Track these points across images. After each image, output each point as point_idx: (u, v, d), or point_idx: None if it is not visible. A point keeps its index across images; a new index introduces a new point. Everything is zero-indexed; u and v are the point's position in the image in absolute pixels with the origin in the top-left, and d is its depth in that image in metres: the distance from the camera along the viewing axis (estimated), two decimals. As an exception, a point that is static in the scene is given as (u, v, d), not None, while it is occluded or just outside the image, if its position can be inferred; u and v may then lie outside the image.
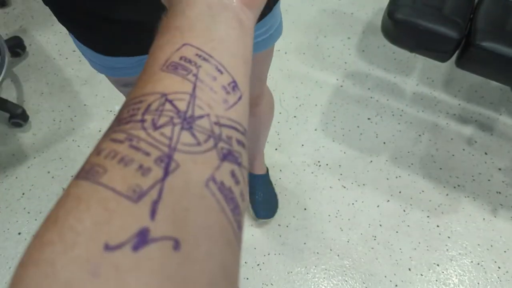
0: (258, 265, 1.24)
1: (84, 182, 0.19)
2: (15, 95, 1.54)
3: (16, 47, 1.61)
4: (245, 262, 1.24)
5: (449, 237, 1.29)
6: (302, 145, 1.45)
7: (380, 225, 1.31)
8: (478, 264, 1.25)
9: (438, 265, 1.24)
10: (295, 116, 1.51)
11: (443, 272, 1.23)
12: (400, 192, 1.36)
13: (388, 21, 1.06)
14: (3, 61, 1.47)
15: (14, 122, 1.45)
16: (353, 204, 1.35)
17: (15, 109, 1.44)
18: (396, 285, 1.21)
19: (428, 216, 1.32)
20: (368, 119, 1.51)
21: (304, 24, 1.75)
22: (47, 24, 1.74)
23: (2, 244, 1.26)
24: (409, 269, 1.24)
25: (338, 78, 1.60)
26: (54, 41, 1.70)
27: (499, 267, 1.24)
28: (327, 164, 1.41)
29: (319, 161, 1.42)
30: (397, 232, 1.30)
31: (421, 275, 1.23)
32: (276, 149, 1.43)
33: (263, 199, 1.30)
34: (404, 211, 1.33)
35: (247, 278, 1.22)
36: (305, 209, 1.33)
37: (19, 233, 1.27)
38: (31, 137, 1.45)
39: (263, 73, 0.95)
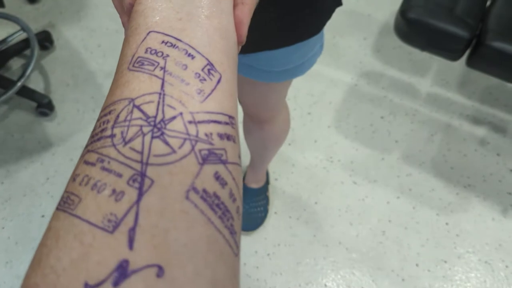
0: (268, 255, 1.28)
1: (62, 214, 0.18)
2: (42, 86, 1.62)
3: (45, 41, 1.69)
4: (256, 251, 1.28)
5: (457, 235, 1.31)
6: (315, 141, 1.48)
7: (389, 221, 1.33)
8: (486, 262, 1.26)
9: (445, 261, 1.26)
10: (309, 113, 1.54)
11: (450, 269, 1.25)
12: (410, 190, 1.39)
13: (400, 20, 1.09)
14: (32, 53, 1.56)
15: (41, 111, 1.52)
16: (363, 199, 1.37)
17: (42, 99, 1.51)
18: (403, 280, 1.24)
19: (437, 214, 1.34)
20: (381, 117, 1.53)
21: (321, 24, 1.78)
22: (74, 19, 1.83)
23: (27, 226, 1.33)
24: (417, 265, 1.26)
25: (353, 77, 1.63)
26: (80, 36, 1.77)
27: (506, 266, 1.25)
28: (339, 160, 1.44)
29: (331, 157, 1.45)
30: (406, 228, 1.32)
31: (428, 270, 1.25)
32: (289, 144, 1.47)
33: (245, 210, 1.30)
34: (414, 208, 1.35)
35: (257, 267, 1.26)
36: (316, 203, 1.37)
37: (43, 216, 1.34)
38: (56, 126, 1.53)
39: (280, 98, 0.87)
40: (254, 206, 1.32)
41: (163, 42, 0.22)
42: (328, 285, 1.23)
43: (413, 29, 1.08)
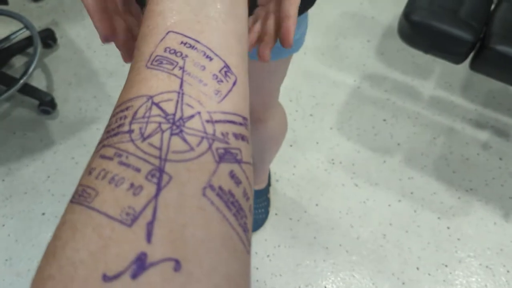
0: (268, 256, 1.28)
1: (78, 207, 0.18)
2: (45, 84, 1.62)
3: (48, 39, 1.69)
4: (256, 253, 1.28)
5: (459, 239, 1.30)
6: (317, 142, 1.48)
7: (391, 224, 1.33)
8: (487, 267, 1.25)
9: (446, 265, 1.26)
10: (311, 115, 1.54)
11: (451, 273, 1.24)
12: (412, 193, 1.38)
13: (404, 22, 1.09)
14: (35, 51, 1.56)
15: (43, 109, 1.52)
16: (364, 202, 1.37)
17: (44, 97, 1.51)
18: (403, 283, 1.23)
19: (439, 218, 1.34)
20: (384, 120, 1.53)
21: (325, 26, 1.78)
22: (77, 18, 1.83)
23: (27, 223, 1.33)
24: (417, 268, 1.25)
25: (356, 79, 1.63)
26: (83, 34, 1.77)
27: (508, 271, 1.24)
28: (340, 162, 1.44)
29: (333, 159, 1.44)
30: (407, 231, 1.31)
31: (429, 274, 1.24)
32: (291, 146, 1.47)
33: None
34: (415, 211, 1.35)
35: (257, 268, 1.26)
36: (316, 204, 1.36)
37: (43, 214, 1.34)
38: (58, 124, 1.53)
39: (274, 86, 0.85)
40: (255, 208, 1.32)
41: (182, 42, 0.23)
42: (327, 287, 1.22)
43: (416, 31, 1.08)
